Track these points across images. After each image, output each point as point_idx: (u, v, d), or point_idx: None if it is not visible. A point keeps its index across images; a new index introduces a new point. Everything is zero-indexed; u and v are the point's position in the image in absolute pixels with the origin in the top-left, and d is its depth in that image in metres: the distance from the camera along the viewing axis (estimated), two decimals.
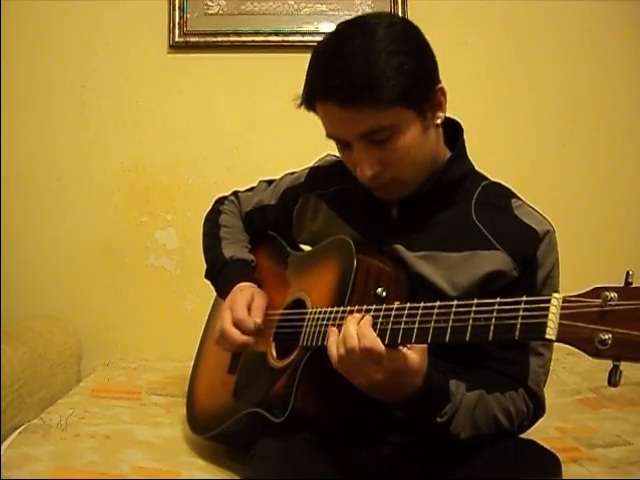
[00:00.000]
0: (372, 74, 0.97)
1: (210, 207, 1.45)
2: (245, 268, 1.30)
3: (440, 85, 1.07)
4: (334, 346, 0.95)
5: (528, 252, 1.06)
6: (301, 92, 1.08)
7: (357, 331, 0.92)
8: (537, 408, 1.08)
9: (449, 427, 0.98)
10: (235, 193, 1.45)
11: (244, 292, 1.21)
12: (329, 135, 1.08)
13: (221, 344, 1.21)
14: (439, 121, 1.08)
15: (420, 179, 1.09)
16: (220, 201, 1.45)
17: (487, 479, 0.96)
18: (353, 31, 1.02)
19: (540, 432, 1.13)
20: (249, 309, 1.18)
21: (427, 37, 1.07)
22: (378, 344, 0.90)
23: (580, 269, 1.84)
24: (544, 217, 1.12)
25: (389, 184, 1.07)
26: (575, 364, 1.84)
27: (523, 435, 1.10)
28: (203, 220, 1.43)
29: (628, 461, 1.28)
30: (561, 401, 1.62)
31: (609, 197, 2.17)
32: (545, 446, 1.06)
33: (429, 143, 1.08)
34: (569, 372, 1.81)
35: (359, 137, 1.02)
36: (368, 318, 0.93)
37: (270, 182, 1.40)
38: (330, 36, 1.06)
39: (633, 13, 2.12)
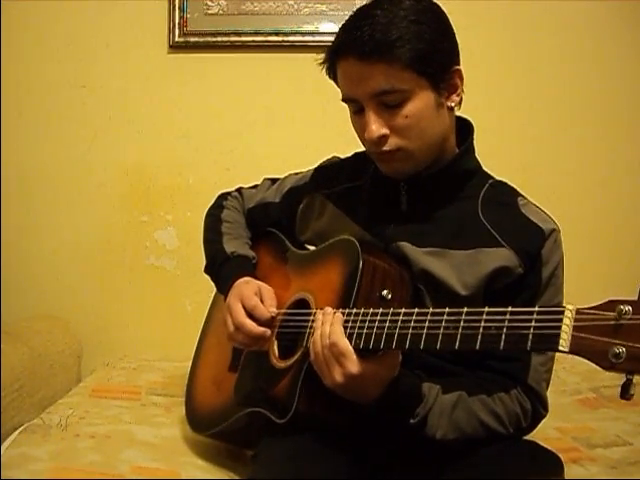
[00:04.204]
0: (392, 34, 1.01)
1: (213, 202, 1.44)
2: (246, 264, 1.30)
3: (459, 67, 1.09)
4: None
5: (533, 249, 1.06)
6: (325, 53, 1.11)
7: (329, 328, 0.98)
8: (537, 407, 1.07)
9: (424, 428, 1.00)
10: (239, 189, 1.45)
11: (250, 284, 1.21)
12: (344, 96, 1.09)
13: (236, 338, 1.18)
14: (453, 104, 1.10)
15: (426, 159, 1.09)
16: (223, 197, 1.44)
17: None
18: (382, 0, 1.06)
19: (540, 432, 1.13)
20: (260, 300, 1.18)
21: None
22: (344, 341, 0.95)
23: (582, 270, 1.84)
24: (549, 216, 1.12)
25: (394, 154, 1.07)
26: (575, 364, 1.83)
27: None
28: (205, 214, 1.43)
29: (628, 461, 1.28)
30: (561, 401, 1.62)
31: (611, 197, 2.16)
32: (546, 446, 1.06)
33: (440, 123, 1.09)
34: (569, 372, 1.81)
35: (372, 96, 1.04)
36: (339, 315, 0.99)
37: (274, 180, 1.40)
38: (363, 4, 1.09)
39: (633, 13, 2.12)
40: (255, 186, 1.43)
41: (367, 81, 1.03)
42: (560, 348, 0.74)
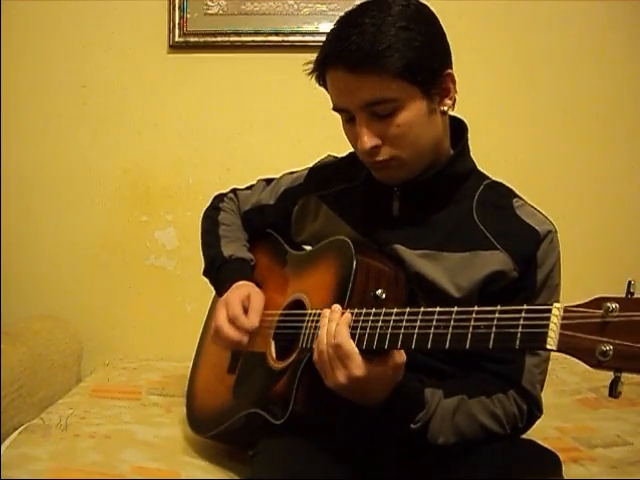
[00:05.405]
0: (381, 43, 0.99)
1: (209, 204, 1.45)
2: (244, 267, 1.30)
3: (450, 71, 1.07)
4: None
5: (528, 252, 1.06)
6: (314, 61, 1.10)
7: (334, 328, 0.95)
8: (532, 409, 1.07)
9: (426, 433, 0.99)
10: (234, 191, 1.45)
11: (240, 289, 1.21)
12: (335, 106, 1.08)
13: (216, 341, 1.21)
14: (446, 108, 1.08)
15: (420, 165, 1.09)
16: (219, 198, 1.44)
17: (487, 479, 0.96)
18: (370, 5, 1.05)
19: (540, 432, 1.13)
20: (246, 309, 1.18)
21: None
22: (349, 343, 0.93)
23: (580, 271, 1.84)
24: (546, 217, 1.11)
25: (388, 163, 1.07)
26: (575, 364, 1.79)
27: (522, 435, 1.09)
28: (201, 216, 1.43)
29: (628, 461, 1.28)
30: (561, 401, 1.62)
31: (610, 197, 2.16)
32: (545, 445, 1.06)
33: (433, 128, 1.07)
34: (569, 372, 1.81)
35: (363, 107, 1.03)
36: (347, 316, 0.96)
37: (269, 181, 1.39)
38: (350, 9, 1.08)
39: (633, 13, 2.12)
40: (250, 187, 1.42)
41: (357, 92, 1.02)
42: (548, 346, 0.74)
